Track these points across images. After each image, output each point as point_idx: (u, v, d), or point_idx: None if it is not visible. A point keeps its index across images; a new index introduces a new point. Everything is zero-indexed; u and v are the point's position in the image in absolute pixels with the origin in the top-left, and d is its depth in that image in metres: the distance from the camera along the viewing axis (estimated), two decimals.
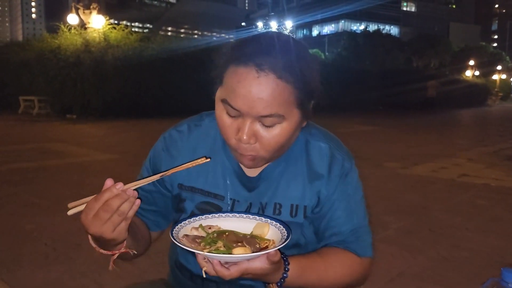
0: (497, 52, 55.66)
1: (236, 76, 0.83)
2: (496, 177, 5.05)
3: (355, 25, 77.23)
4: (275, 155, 0.92)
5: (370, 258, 1.03)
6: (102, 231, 0.76)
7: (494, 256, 2.65)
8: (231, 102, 0.84)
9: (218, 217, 0.90)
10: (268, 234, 0.86)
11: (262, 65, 0.81)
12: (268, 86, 0.81)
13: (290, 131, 0.88)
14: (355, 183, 1.04)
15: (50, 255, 2.53)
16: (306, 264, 0.92)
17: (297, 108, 0.87)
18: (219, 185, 1.01)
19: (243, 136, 0.85)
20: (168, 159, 1.03)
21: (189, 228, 0.86)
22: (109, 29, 13.06)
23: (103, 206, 0.74)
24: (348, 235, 1.00)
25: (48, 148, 6.79)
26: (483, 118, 18.88)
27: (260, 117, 0.84)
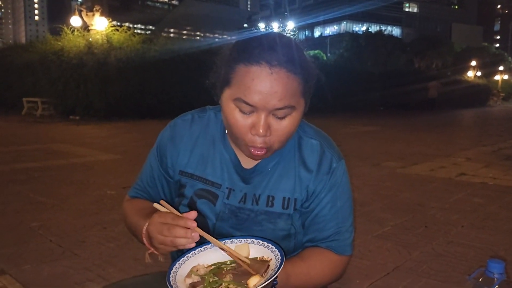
0: (499, 53, 55.51)
1: (249, 75, 0.89)
2: (493, 176, 5.11)
3: (357, 26, 77.22)
4: (283, 145, 0.99)
5: (348, 256, 1.09)
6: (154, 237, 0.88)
7: (488, 251, 2.71)
8: (246, 99, 0.89)
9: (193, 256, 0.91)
10: (251, 252, 0.90)
11: (273, 62, 0.88)
12: (281, 80, 0.89)
13: (298, 120, 0.96)
14: (343, 183, 1.08)
15: (56, 251, 2.60)
16: (291, 269, 0.97)
17: (302, 97, 0.95)
18: (217, 174, 1.07)
19: (259, 130, 0.91)
20: (172, 148, 1.10)
21: (182, 279, 0.86)
22: (111, 31, 13.15)
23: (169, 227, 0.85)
24: (331, 233, 1.06)
25: (52, 149, 6.88)
26: (483, 118, 18.87)
27: (274, 110, 0.91)
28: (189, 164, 1.08)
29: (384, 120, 14.87)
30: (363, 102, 19.44)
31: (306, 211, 1.07)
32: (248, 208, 1.05)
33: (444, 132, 11.56)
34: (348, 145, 7.51)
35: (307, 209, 1.07)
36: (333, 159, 1.07)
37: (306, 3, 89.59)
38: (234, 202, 1.06)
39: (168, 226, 0.84)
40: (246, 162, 1.07)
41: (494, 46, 70.99)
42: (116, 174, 4.85)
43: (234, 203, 1.06)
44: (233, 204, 1.06)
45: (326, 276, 1.06)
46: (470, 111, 23.43)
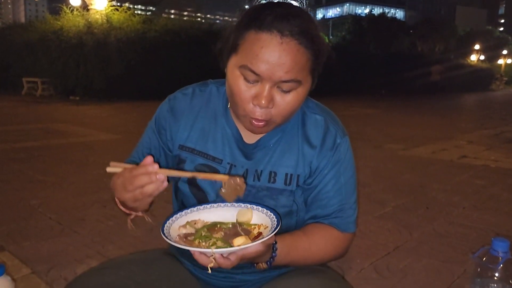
0: (503, 36, 55.03)
1: (258, 42, 0.85)
2: (495, 159, 5.08)
3: (360, 9, 76.36)
4: (285, 120, 0.96)
5: (352, 233, 1.07)
6: (124, 199, 0.83)
7: (489, 232, 2.69)
8: (253, 67, 0.86)
9: (200, 210, 0.92)
10: (253, 218, 0.89)
11: (285, 31, 0.84)
12: (291, 51, 0.85)
13: (302, 97, 0.93)
14: (347, 160, 1.06)
15: (55, 228, 2.59)
16: (292, 242, 0.97)
17: (310, 74, 0.91)
18: (218, 149, 1.04)
19: (261, 101, 0.87)
20: (171, 120, 1.07)
21: (176, 227, 0.88)
22: (111, 11, 13.00)
23: (130, 179, 0.80)
24: (334, 210, 1.04)
25: (52, 128, 6.85)
26: (486, 102, 18.80)
27: (280, 82, 0.87)
28: (190, 139, 1.05)
29: (386, 103, 14.80)
30: (365, 85, 19.34)
31: (309, 187, 1.04)
32: (249, 184, 1.02)
33: (446, 116, 11.51)
34: (350, 127, 7.39)
35: (310, 185, 1.04)
36: (338, 134, 1.04)
37: None
38: None
39: (130, 180, 0.80)
40: (248, 137, 1.04)
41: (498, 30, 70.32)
42: (116, 154, 4.82)
43: None
44: None
45: (328, 252, 1.04)
46: (473, 95, 23.33)
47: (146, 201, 0.83)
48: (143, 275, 1.03)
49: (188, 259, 1.13)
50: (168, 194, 0.95)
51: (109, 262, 1.10)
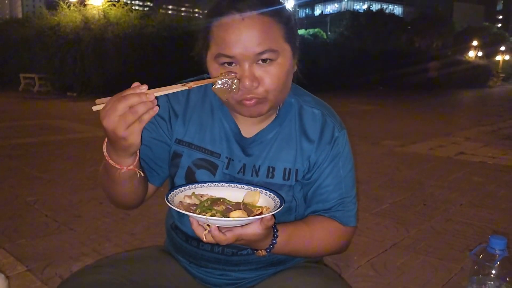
0: (501, 33, 55.05)
1: (222, 27, 0.87)
2: (492, 155, 5.08)
3: (358, 5, 76.26)
4: (280, 96, 0.94)
5: (353, 227, 1.07)
6: (115, 125, 0.76)
7: (487, 229, 2.70)
8: (225, 51, 0.87)
9: (210, 186, 0.93)
10: (259, 202, 0.89)
11: (243, 9, 0.85)
12: (255, 24, 0.86)
13: (286, 66, 0.92)
14: (345, 153, 1.06)
15: (51, 225, 2.58)
16: (293, 231, 0.96)
17: (286, 42, 0.91)
18: (216, 143, 1.03)
19: (245, 82, 0.87)
20: (171, 110, 1.05)
21: (182, 196, 0.89)
22: (108, 6, 12.93)
23: (119, 99, 0.76)
24: (334, 204, 1.03)
25: (49, 125, 6.82)
26: (483, 99, 18.83)
27: (256, 56, 0.87)
28: (187, 133, 1.04)
29: (383, 100, 14.79)
30: (362, 81, 19.32)
31: (308, 182, 1.04)
32: (247, 180, 1.02)
33: (444, 112, 11.51)
34: (347, 123, 7.32)
35: (309, 180, 1.04)
36: (335, 128, 1.04)
37: None
38: (233, 172, 1.03)
39: (119, 100, 0.76)
40: (246, 131, 1.03)
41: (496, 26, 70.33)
42: None
43: (233, 173, 1.03)
44: (232, 174, 1.03)
45: (329, 243, 1.04)
46: (470, 91, 23.34)
47: (138, 128, 0.78)
48: (138, 273, 1.02)
49: (184, 256, 1.12)
50: (164, 191, 0.93)
51: (104, 260, 1.10)
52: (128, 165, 0.86)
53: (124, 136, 0.78)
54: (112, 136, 0.79)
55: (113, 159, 0.85)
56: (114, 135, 0.78)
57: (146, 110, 0.77)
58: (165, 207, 1.17)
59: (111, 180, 0.91)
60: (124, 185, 0.93)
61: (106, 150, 0.86)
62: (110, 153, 0.85)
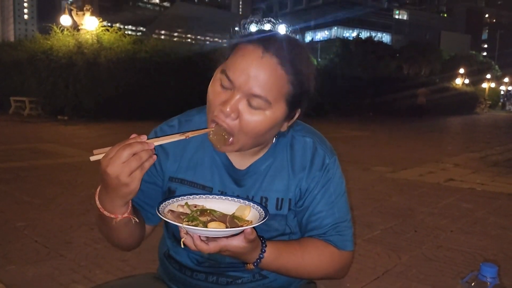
0: (486, 61, 56.26)
1: (241, 51, 0.88)
2: (481, 182, 5.15)
3: (348, 32, 77.72)
4: (249, 142, 0.93)
5: (350, 251, 1.06)
6: (119, 172, 0.78)
7: (477, 256, 2.72)
8: (229, 72, 0.88)
9: (205, 198, 0.95)
10: (248, 216, 0.90)
11: (269, 48, 0.86)
12: (268, 68, 0.86)
13: (270, 122, 0.91)
14: (337, 178, 1.06)
15: (41, 252, 2.55)
16: (283, 247, 0.96)
17: (284, 102, 0.91)
18: (208, 177, 1.04)
19: (226, 107, 0.87)
20: (160, 151, 1.05)
21: (175, 205, 0.90)
22: (102, 31, 13.03)
23: (123, 146, 0.79)
24: (329, 229, 1.03)
25: (39, 149, 6.78)
26: (471, 125, 19.11)
27: (250, 95, 0.87)
28: (179, 170, 1.05)
29: (374, 126, 14.96)
30: (353, 107, 19.56)
31: (300, 209, 1.05)
32: None
33: (433, 138, 11.67)
34: (338, 149, 7.41)
35: (301, 207, 1.04)
36: (326, 155, 1.05)
37: (297, 8, 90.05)
38: None
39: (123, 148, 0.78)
40: (238, 163, 1.04)
41: (482, 55, 71.99)
42: None
43: None
44: None
45: (323, 266, 1.03)
46: (458, 118, 23.71)
47: (139, 175, 0.80)
48: None
49: (178, 285, 1.11)
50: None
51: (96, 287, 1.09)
52: (123, 213, 0.87)
53: (127, 183, 0.80)
54: (114, 182, 0.80)
55: (107, 209, 0.86)
56: (117, 182, 0.80)
57: (148, 158, 0.80)
58: (158, 234, 1.18)
59: (107, 227, 0.93)
60: (120, 231, 0.94)
61: (99, 201, 0.87)
62: (104, 203, 0.86)
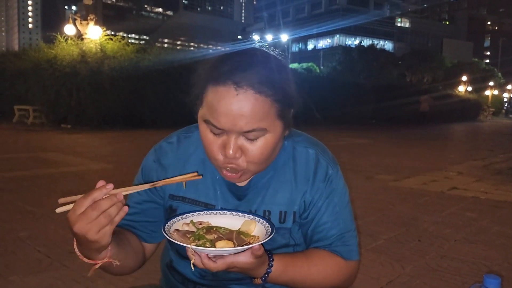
0: (489, 69, 56.28)
1: (216, 96, 0.86)
2: (485, 190, 5.13)
3: (350, 40, 77.98)
4: (261, 167, 0.95)
5: (356, 261, 1.06)
6: (86, 230, 0.76)
7: (481, 266, 2.70)
8: (214, 121, 0.87)
9: (209, 214, 0.95)
10: (254, 231, 0.90)
11: (240, 83, 0.84)
12: (247, 102, 0.84)
13: (273, 142, 0.91)
14: (340, 189, 1.06)
15: (44, 262, 2.55)
16: (290, 260, 0.96)
17: (278, 119, 0.90)
18: (209, 194, 1.03)
19: (229, 152, 0.87)
20: (159, 170, 1.06)
21: (180, 223, 0.90)
22: (105, 40, 13.13)
23: (92, 205, 0.75)
24: (334, 240, 1.03)
25: (43, 157, 6.80)
26: (474, 133, 19.06)
27: (243, 133, 0.87)
28: (180, 187, 1.04)
29: (377, 133, 14.94)
30: (355, 115, 19.57)
31: (305, 221, 1.04)
32: None
33: (436, 146, 11.64)
34: (341, 157, 7.48)
35: (306, 219, 1.04)
36: (329, 166, 1.05)
37: (300, 16, 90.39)
38: None
39: (92, 207, 0.75)
40: None
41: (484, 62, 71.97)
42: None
43: None
44: None
45: (329, 277, 1.02)
46: (461, 125, 23.66)
47: (109, 231, 0.78)
48: None
49: None
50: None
51: None
52: (102, 259, 0.85)
53: (96, 239, 0.78)
54: (83, 240, 0.78)
55: (86, 256, 0.85)
56: (85, 239, 0.78)
57: (118, 212, 0.78)
58: (160, 244, 1.17)
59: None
60: (110, 268, 0.91)
61: (77, 250, 0.85)
62: (82, 251, 0.85)
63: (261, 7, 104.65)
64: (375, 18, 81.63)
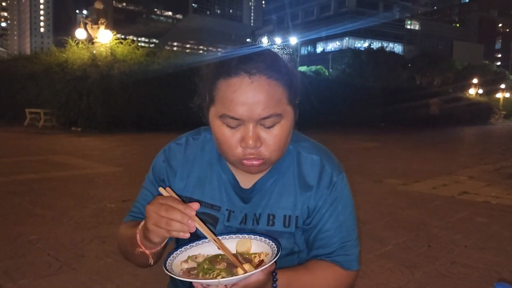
0: (500, 71, 55.74)
1: (230, 87, 0.88)
2: (496, 195, 5.07)
3: (359, 43, 77.70)
4: (278, 155, 0.96)
5: (355, 271, 1.07)
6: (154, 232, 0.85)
7: (492, 272, 2.66)
8: (231, 113, 0.88)
9: (199, 245, 0.94)
10: (252, 248, 0.90)
11: (253, 70, 0.87)
12: (263, 88, 0.87)
13: (288, 128, 0.94)
14: (345, 197, 1.06)
15: (53, 265, 2.56)
16: (293, 276, 0.96)
17: (289, 104, 0.93)
18: (216, 196, 1.05)
19: (249, 142, 0.89)
20: (169, 170, 1.08)
21: (178, 262, 0.89)
22: (116, 44, 13.25)
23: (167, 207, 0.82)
24: (336, 248, 1.04)
25: (53, 160, 6.86)
26: (485, 136, 18.86)
27: (260, 120, 0.89)
28: (187, 188, 1.06)
29: (386, 136, 14.86)
30: (364, 118, 19.47)
31: (308, 227, 1.05)
32: (249, 229, 1.03)
33: (446, 150, 11.53)
34: (349, 161, 7.47)
35: (309, 225, 1.05)
36: (334, 173, 1.05)
37: (309, 19, 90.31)
38: (235, 223, 1.04)
39: (167, 207, 0.82)
40: (244, 182, 1.05)
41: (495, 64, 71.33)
42: (116, 187, 4.82)
43: (235, 225, 1.04)
44: (233, 226, 1.04)
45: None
46: (472, 128, 23.42)
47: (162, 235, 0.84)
48: None
49: None
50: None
51: None
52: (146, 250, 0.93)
53: (150, 230, 0.86)
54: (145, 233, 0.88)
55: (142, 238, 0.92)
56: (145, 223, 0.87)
57: (179, 230, 0.82)
58: (168, 248, 1.18)
59: (130, 252, 1.00)
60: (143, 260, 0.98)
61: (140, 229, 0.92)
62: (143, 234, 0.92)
63: (270, 10, 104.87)
64: (384, 21, 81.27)
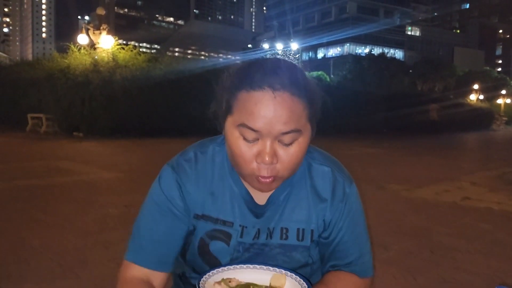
0: (501, 77, 55.80)
1: (252, 100, 0.86)
2: (498, 201, 5.06)
3: (360, 48, 77.87)
4: (291, 174, 0.94)
5: (371, 277, 1.08)
6: None
7: (495, 278, 2.66)
8: (250, 124, 0.86)
9: (236, 269, 0.93)
10: (286, 285, 0.90)
11: (276, 85, 0.85)
12: (285, 104, 0.85)
13: (305, 146, 0.92)
14: (358, 206, 1.07)
15: (56, 271, 2.56)
16: None
17: (308, 122, 0.92)
18: (228, 211, 1.01)
19: (265, 158, 0.87)
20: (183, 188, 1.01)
21: (212, 283, 0.88)
22: (117, 50, 13.30)
23: None
24: (354, 258, 1.04)
25: (55, 166, 6.87)
26: (487, 142, 18.84)
27: (280, 135, 0.87)
28: (198, 205, 1.02)
29: (388, 142, 14.85)
30: (366, 124, 19.48)
31: (326, 241, 1.04)
32: (262, 243, 1.01)
33: (448, 156, 11.53)
34: (352, 167, 7.41)
35: (327, 239, 1.04)
36: (345, 184, 1.05)
37: (310, 25, 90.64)
38: (248, 239, 1.01)
39: None
40: (257, 196, 1.02)
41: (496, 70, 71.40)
42: (119, 193, 4.82)
43: (248, 240, 1.01)
44: (247, 242, 1.02)
45: None
46: (474, 134, 23.40)
47: None
48: None
49: None
50: None
51: None
52: None
53: None
54: None
55: None
56: None
57: None
58: None
59: None
60: None
61: None
62: None
63: (271, 16, 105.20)
64: (385, 27, 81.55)
